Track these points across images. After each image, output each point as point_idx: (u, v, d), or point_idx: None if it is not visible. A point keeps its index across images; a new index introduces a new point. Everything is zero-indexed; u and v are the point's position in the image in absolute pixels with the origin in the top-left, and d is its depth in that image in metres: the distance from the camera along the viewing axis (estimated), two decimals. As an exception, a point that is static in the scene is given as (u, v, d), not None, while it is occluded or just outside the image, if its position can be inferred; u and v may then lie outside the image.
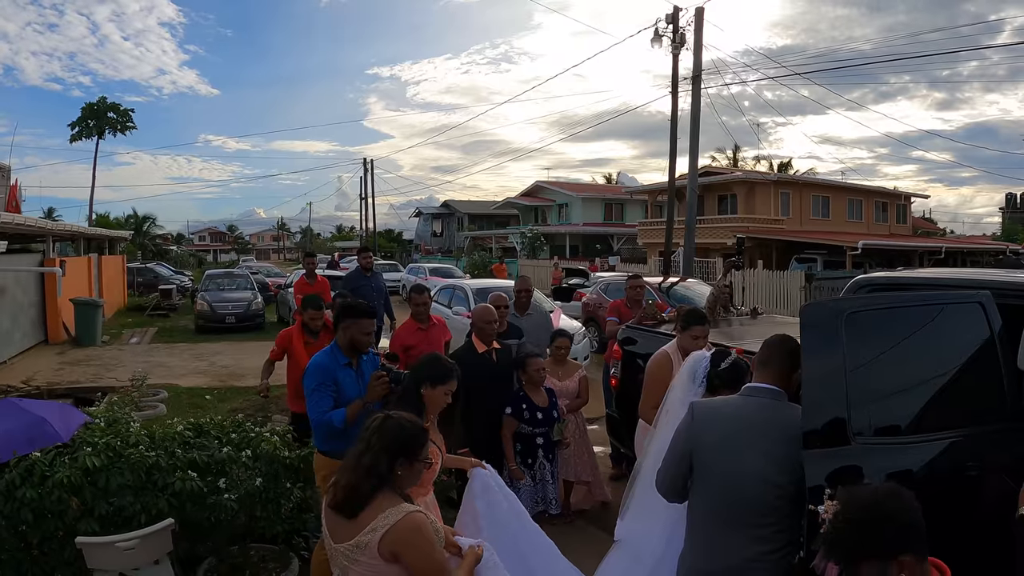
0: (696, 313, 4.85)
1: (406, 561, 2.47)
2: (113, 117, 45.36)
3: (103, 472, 4.26)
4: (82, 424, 4.68)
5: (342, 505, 2.54)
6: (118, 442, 4.46)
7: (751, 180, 34.46)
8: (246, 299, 19.45)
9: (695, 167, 17.25)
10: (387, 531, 2.45)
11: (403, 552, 2.46)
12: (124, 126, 45.80)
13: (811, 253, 29.44)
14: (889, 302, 3.61)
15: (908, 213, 41.12)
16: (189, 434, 4.88)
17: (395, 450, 2.58)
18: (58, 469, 4.20)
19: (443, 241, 59.94)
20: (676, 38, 17.04)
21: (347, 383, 4.23)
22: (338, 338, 4.36)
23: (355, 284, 9.15)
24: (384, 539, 2.45)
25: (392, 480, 2.56)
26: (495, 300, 6.16)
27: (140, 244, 45.22)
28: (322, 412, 4.11)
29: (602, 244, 45.05)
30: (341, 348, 4.32)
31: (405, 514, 2.48)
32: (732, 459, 2.91)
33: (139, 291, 28.71)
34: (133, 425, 4.82)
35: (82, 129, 45.01)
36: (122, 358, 14.55)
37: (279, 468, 4.85)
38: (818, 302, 3.53)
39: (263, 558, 5.19)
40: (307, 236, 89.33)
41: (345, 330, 4.30)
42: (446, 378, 3.68)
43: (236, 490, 4.61)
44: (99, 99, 45.76)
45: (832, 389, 3.02)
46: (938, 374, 3.34)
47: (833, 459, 2.93)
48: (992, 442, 3.31)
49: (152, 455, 4.47)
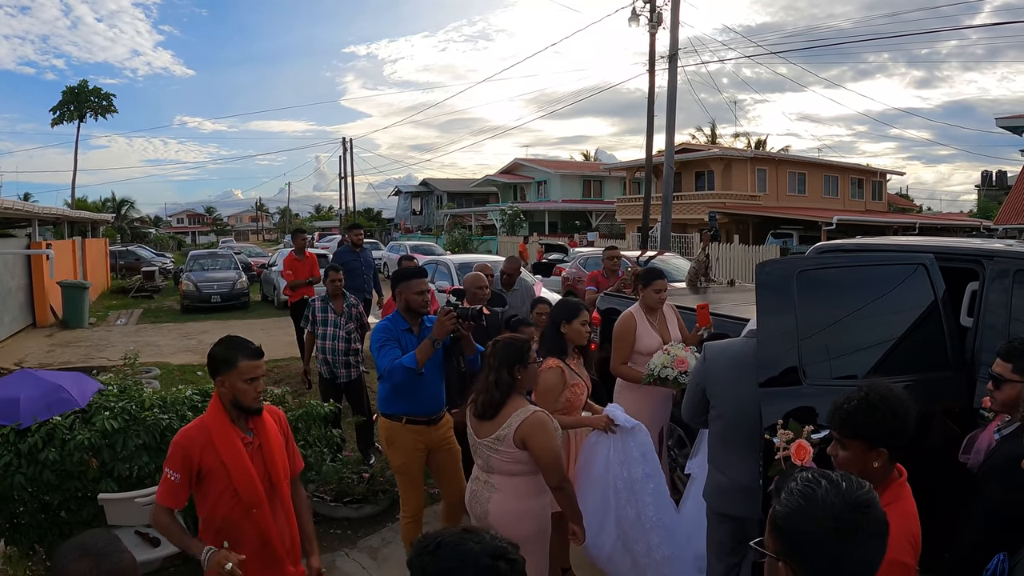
0: (654, 270, 5.28)
1: (531, 448, 3.27)
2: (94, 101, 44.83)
3: (120, 434, 4.54)
4: (96, 391, 4.91)
5: (483, 412, 3.40)
6: (133, 406, 4.74)
7: (728, 157, 34.83)
8: (231, 279, 19.59)
9: (672, 144, 17.55)
10: (519, 425, 3.28)
11: (529, 441, 3.27)
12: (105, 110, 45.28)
13: (787, 228, 29.88)
14: (838, 262, 4.02)
15: (884, 190, 41.64)
16: (197, 398, 5.17)
17: (510, 361, 3.38)
18: (78, 432, 4.45)
19: (422, 219, 59.91)
20: (653, 17, 17.26)
21: (409, 347, 4.30)
22: (398, 305, 4.51)
23: (345, 259, 9.40)
24: (517, 432, 3.28)
25: (516, 384, 3.37)
26: (481, 269, 6.53)
27: (119, 227, 44.96)
28: (392, 359, 4.19)
29: (581, 220, 45.34)
30: (401, 314, 4.47)
31: (532, 412, 3.33)
32: (736, 390, 3.46)
33: (121, 274, 28.67)
34: (146, 390, 5.10)
35: (63, 113, 44.53)
36: (110, 339, 14.73)
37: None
38: (771, 261, 3.89)
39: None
40: (286, 217, 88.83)
41: (400, 295, 4.45)
42: (578, 312, 4.29)
43: (244, 449, 4.93)
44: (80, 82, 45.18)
45: (786, 340, 3.41)
46: (884, 327, 3.74)
47: (788, 399, 3.33)
48: (936, 389, 3.69)
49: (165, 417, 4.76)
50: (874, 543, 1.49)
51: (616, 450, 4.03)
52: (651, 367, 4.52)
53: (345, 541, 5.34)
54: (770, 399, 3.34)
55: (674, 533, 4.00)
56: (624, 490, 3.97)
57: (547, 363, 4.09)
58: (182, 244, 59.65)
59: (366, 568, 4.95)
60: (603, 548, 4.05)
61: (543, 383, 4.01)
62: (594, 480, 4.07)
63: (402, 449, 4.43)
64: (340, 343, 6.75)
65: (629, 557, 4.02)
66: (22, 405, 4.54)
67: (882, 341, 3.69)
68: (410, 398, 4.33)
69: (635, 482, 3.97)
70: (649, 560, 3.95)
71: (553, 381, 4.06)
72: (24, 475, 4.29)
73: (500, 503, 3.36)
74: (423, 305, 4.50)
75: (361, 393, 6.97)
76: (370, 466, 6.36)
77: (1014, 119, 23.29)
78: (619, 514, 3.98)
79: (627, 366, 4.88)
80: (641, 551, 3.96)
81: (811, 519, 1.46)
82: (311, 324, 6.90)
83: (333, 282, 7.03)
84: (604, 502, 4.01)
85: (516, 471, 3.35)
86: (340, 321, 6.80)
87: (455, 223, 48.27)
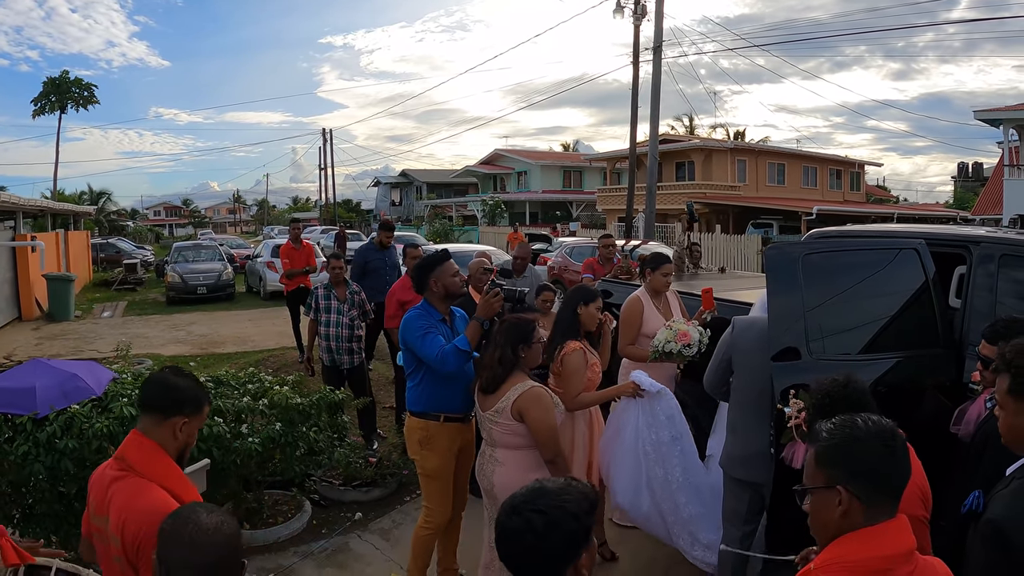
0: (660, 254, 5.50)
1: (528, 420, 3.49)
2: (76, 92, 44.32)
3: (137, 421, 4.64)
4: (111, 379, 4.98)
5: (486, 386, 3.63)
6: (150, 393, 4.83)
7: (708, 148, 35.18)
8: (216, 270, 19.54)
9: (655, 135, 17.79)
10: (516, 398, 3.50)
11: (526, 413, 3.49)
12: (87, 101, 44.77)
13: (767, 218, 30.22)
14: (839, 246, 4.26)
15: (862, 180, 42.17)
16: (210, 385, 5.28)
17: (515, 340, 3.59)
18: (96, 420, 4.47)
19: (402, 210, 59.85)
20: (638, 9, 17.45)
21: (448, 338, 4.10)
22: (428, 297, 4.20)
23: (369, 258, 8.94)
24: (514, 404, 3.50)
25: (519, 362, 3.60)
26: (482, 256, 6.77)
27: (97, 220, 44.56)
28: (441, 346, 3.95)
29: (561, 211, 45.57)
30: (433, 305, 4.17)
31: (530, 387, 3.55)
32: (760, 360, 3.68)
33: (102, 266, 28.47)
34: (159, 378, 5.19)
35: (45, 104, 44.01)
36: (98, 331, 14.68)
37: (294, 415, 5.29)
38: (778, 245, 4.12)
39: (276, 502, 5.65)
40: (263, 208, 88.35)
41: (436, 281, 4.15)
42: (595, 297, 4.45)
43: (258, 435, 5.07)
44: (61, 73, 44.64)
45: (793, 318, 3.64)
46: (881, 307, 4.00)
47: (796, 372, 3.56)
48: (928, 364, 3.92)
49: (181, 405, 4.87)
50: (907, 460, 1.76)
51: (644, 414, 4.23)
52: (656, 343, 4.69)
53: (356, 524, 5.48)
54: (780, 372, 3.60)
55: (701, 492, 4.20)
56: (652, 452, 4.18)
57: (569, 346, 4.24)
58: (160, 237, 59.12)
59: (379, 549, 5.11)
60: (640, 508, 4.29)
61: (569, 365, 4.18)
62: (626, 445, 4.28)
63: (439, 451, 4.14)
64: (343, 330, 6.88)
65: (662, 516, 4.25)
66: (38, 394, 4.51)
67: (879, 319, 3.95)
68: (447, 393, 4.10)
69: (662, 445, 4.18)
70: (676, 518, 4.17)
71: (578, 362, 4.21)
72: (43, 464, 4.29)
73: (503, 475, 3.57)
74: (462, 287, 4.33)
75: (364, 379, 7.10)
76: (375, 451, 6.50)
77: (992, 112, 23.71)
78: (649, 475, 4.19)
79: (634, 346, 5.07)
80: (669, 509, 4.18)
81: (864, 444, 1.71)
82: (314, 312, 7.01)
83: (335, 269, 7.14)
84: (636, 466, 4.23)
85: (517, 444, 3.57)
86: (343, 308, 6.92)
87: (436, 214, 48.32)
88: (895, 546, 1.66)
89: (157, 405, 2.40)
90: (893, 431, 1.73)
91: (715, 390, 4.10)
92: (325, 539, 5.23)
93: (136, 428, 2.42)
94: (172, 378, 2.48)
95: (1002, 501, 1.97)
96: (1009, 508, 1.93)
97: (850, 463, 1.70)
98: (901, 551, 1.66)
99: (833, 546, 1.72)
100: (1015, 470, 2.04)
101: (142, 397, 2.47)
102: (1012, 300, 3.98)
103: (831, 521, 1.72)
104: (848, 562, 1.66)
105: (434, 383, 4.08)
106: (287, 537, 5.21)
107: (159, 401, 2.41)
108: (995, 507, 1.98)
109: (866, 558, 1.64)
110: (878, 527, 1.67)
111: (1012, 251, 4.12)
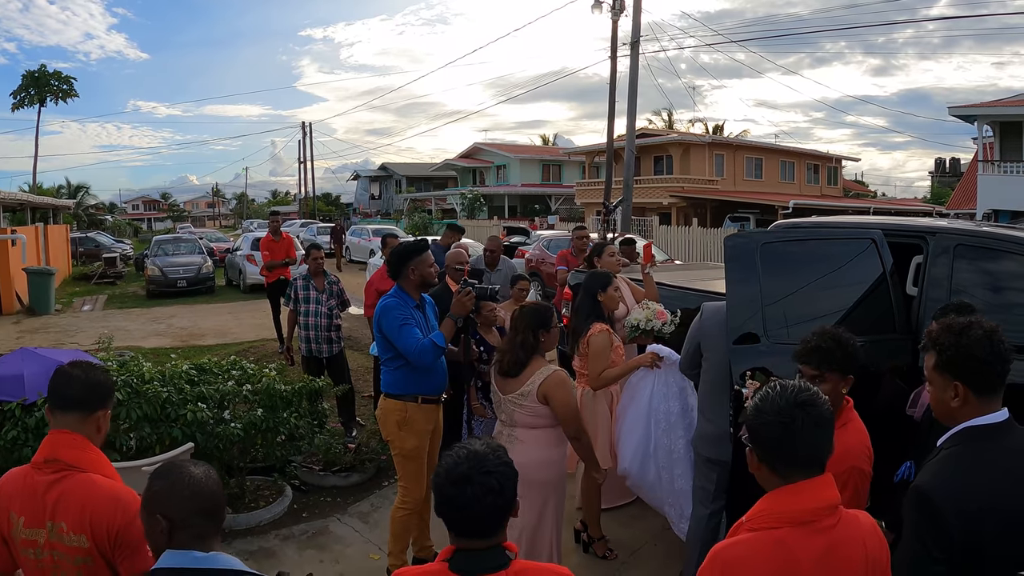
0: (599, 243, 5.99)
1: (552, 402, 3.67)
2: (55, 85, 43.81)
3: (123, 406, 4.74)
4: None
5: (508, 370, 3.77)
6: (134, 380, 4.95)
7: (686, 142, 35.43)
8: (196, 263, 19.55)
9: (633, 129, 17.91)
10: (542, 383, 3.66)
11: (551, 396, 3.67)
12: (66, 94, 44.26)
13: (744, 212, 30.59)
14: (797, 235, 4.45)
15: (839, 175, 42.65)
16: (194, 373, 5.39)
17: (535, 325, 3.76)
18: None
19: (381, 203, 59.73)
20: (616, 4, 17.58)
21: (419, 324, 4.29)
22: (403, 283, 4.34)
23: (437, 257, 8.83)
24: (540, 388, 3.66)
25: (539, 347, 3.77)
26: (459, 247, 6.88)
27: (75, 214, 44.16)
28: (419, 339, 4.12)
29: (540, 204, 45.70)
30: (408, 291, 4.32)
31: (553, 371, 3.74)
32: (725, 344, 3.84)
33: (81, 260, 28.31)
34: (145, 365, 5.30)
35: (24, 97, 43.50)
36: (79, 324, 14.66)
37: (276, 400, 5.41)
38: (736, 235, 4.29)
39: (258, 488, 5.76)
40: (242, 202, 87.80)
41: (414, 270, 4.31)
42: (610, 281, 4.69)
43: (241, 420, 5.19)
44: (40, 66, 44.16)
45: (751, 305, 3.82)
46: (839, 295, 4.18)
47: (753, 355, 3.74)
48: (885, 350, 4.10)
49: (165, 391, 4.98)
50: (817, 432, 1.87)
51: (659, 383, 4.48)
52: (635, 321, 4.87)
53: (336, 508, 5.60)
54: (738, 355, 3.77)
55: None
56: (663, 421, 4.41)
57: (596, 327, 4.52)
58: (139, 231, 58.72)
59: (359, 531, 5.23)
60: (647, 476, 4.48)
61: (595, 345, 4.46)
62: (640, 412, 4.51)
63: (416, 431, 4.31)
64: (322, 319, 6.99)
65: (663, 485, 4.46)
66: (27, 381, 4.63)
67: (837, 307, 4.10)
68: (425, 376, 4.27)
69: (672, 415, 4.40)
70: (671, 488, 4.40)
71: (605, 342, 4.47)
72: (32, 449, 4.34)
73: (523, 453, 3.66)
74: (436, 277, 4.51)
75: (343, 368, 7.22)
76: (353, 438, 6.63)
77: (967, 108, 24.13)
78: (656, 443, 4.41)
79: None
80: (666, 479, 4.40)
81: (761, 413, 1.91)
82: (293, 302, 7.11)
83: (315, 260, 7.27)
84: (647, 434, 4.45)
85: (537, 424, 3.74)
86: (322, 298, 7.03)
87: (415, 207, 48.28)
88: (817, 500, 1.84)
89: (83, 402, 2.32)
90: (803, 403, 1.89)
91: (688, 373, 4.32)
92: (306, 522, 5.34)
93: (55, 428, 2.32)
94: (92, 374, 2.39)
95: (930, 470, 2.12)
96: (935, 475, 2.06)
97: (752, 430, 1.95)
98: (823, 505, 1.84)
99: (762, 501, 1.92)
100: (944, 441, 2.16)
101: (63, 396, 2.33)
102: (966, 288, 4.16)
103: (753, 473, 1.96)
104: (774, 513, 1.86)
105: (412, 367, 4.21)
106: (268, 521, 5.31)
107: (85, 399, 2.33)
108: (922, 475, 2.12)
109: (790, 510, 1.83)
110: (802, 484, 1.85)
111: (966, 241, 4.31)
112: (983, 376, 2.08)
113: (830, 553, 1.81)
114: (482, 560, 1.80)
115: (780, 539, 1.81)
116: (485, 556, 1.81)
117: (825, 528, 1.83)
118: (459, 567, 1.79)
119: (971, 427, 2.08)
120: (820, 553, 1.80)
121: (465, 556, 1.81)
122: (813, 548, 1.80)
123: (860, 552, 1.86)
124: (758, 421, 1.91)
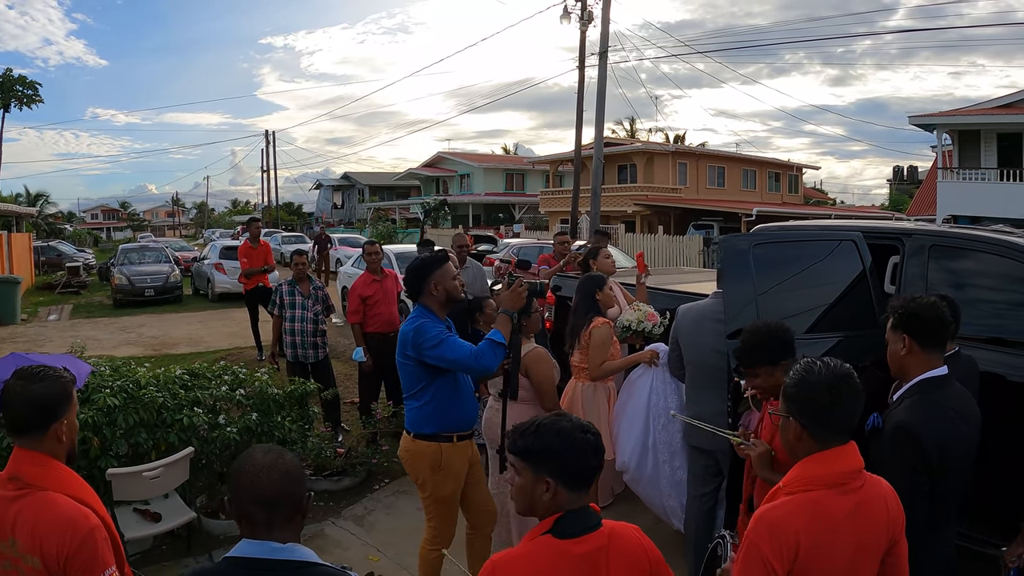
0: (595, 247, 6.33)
1: (531, 375, 4.13)
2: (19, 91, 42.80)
3: (120, 411, 4.76)
4: (90, 372, 5.08)
5: None
6: (130, 384, 4.97)
7: (650, 151, 35.89)
8: (164, 272, 19.36)
9: (600, 138, 18.14)
10: (522, 357, 3.99)
11: (530, 368, 4.11)
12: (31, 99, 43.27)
13: (708, 220, 30.99)
14: (787, 237, 4.70)
15: (800, 183, 43.47)
16: (187, 378, 5.42)
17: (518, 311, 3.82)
18: (80, 411, 4.63)
19: (344, 213, 59.49)
20: (584, 15, 17.86)
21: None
22: (426, 301, 3.79)
23: None
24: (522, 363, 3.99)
25: (521, 329, 3.94)
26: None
27: (35, 223, 43.30)
28: (469, 345, 3.65)
29: (504, 213, 45.91)
30: (432, 310, 3.78)
31: (533, 347, 4.25)
32: (697, 340, 4.14)
33: (43, 269, 27.90)
34: (140, 370, 5.31)
35: (-12, 103, 42.42)
36: (47, 334, 14.45)
37: (270, 404, 5.47)
38: (731, 236, 4.54)
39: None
40: (203, 212, 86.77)
41: (436, 286, 3.77)
42: (604, 282, 5.05)
43: (236, 424, 5.23)
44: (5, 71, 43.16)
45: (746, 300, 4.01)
46: (824, 292, 4.42)
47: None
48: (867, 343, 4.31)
49: (160, 396, 5.01)
50: (853, 403, 2.10)
51: (658, 380, 4.71)
52: (627, 322, 5.13)
53: (329, 512, 5.65)
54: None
55: None
56: (662, 417, 4.61)
57: (596, 321, 4.84)
58: (99, 240, 57.79)
59: (355, 534, 5.29)
60: (645, 470, 4.68)
61: (596, 337, 4.77)
62: (639, 407, 4.72)
63: (453, 473, 3.82)
64: (308, 324, 7.04)
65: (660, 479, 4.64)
66: None
67: (822, 303, 4.36)
68: (456, 408, 3.83)
69: (670, 411, 4.58)
70: (671, 480, 4.59)
71: (606, 334, 4.82)
72: None
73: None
74: (461, 289, 3.94)
75: (328, 373, 7.27)
76: (341, 443, 6.68)
77: (926, 117, 24.79)
78: (656, 438, 4.62)
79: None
80: (667, 471, 4.60)
81: (810, 385, 2.10)
82: (279, 308, 7.15)
83: (298, 265, 7.33)
84: (645, 429, 4.65)
85: (523, 398, 4.11)
86: (307, 304, 7.08)
87: (379, 216, 48.16)
88: (847, 464, 2.07)
89: (32, 424, 2.23)
90: (843, 376, 2.10)
91: (676, 372, 4.53)
92: (300, 525, 5.37)
93: (18, 446, 2.24)
94: (34, 389, 2.24)
95: (899, 414, 2.56)
96: (911, 413, 2.52)
97: (799, 400, 2.13)
98: (852, 468, 2.07)
99: (797, 467, 2.12)
100: (903, 392, 2.70)
101: (10, 421, 2.25)
102: (940, 285, 4.40)
103: (788, 443, 2.18)
104: (810, 477, 2.06)
105: (445, 400, 3.77)
106: (262, 524, 5.32)
107: (33, 420, 2.23)
108: (898, 415, 2.57)
109: (825, 473, 2.05)
110: (832, 451, 2.07)
111: (940, 242, 4.57)
112: (927, 331, 2.66)
113: (858, 510, 2.03)
114: (586, 518, 1.93)
115: (816, 499, 2.01)
116: (588, 514, 1.94)
117: (854, 489, 2.05)
118: (563, 531, 1.89)
119: (924, 380, 2.65)
120: (850, 510, 2.02)
121: (573, 517, 1.91)
122: (845, 506, 2.02)
123: (883, 510, 2.09)
124: (808, 392, 2.09)
